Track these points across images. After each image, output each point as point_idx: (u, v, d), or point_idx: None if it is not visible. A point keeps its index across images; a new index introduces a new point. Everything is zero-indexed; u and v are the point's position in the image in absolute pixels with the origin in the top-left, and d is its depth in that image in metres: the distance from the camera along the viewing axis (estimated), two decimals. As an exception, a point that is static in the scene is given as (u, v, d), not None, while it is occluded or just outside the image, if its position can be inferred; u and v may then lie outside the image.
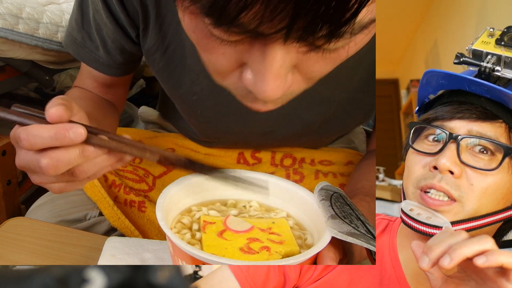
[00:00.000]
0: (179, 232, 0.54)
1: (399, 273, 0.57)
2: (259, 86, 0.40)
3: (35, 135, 0.44)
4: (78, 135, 0.44)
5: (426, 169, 0.52)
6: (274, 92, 0.40)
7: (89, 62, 0.77)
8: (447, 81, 0.54)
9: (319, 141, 0.90)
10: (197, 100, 0.75)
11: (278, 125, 0.79)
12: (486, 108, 0.51)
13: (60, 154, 0.44)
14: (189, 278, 1.01)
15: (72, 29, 0.76)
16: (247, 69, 0.41)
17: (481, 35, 0.53)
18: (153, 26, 0.68)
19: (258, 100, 0.43)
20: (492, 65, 0.50)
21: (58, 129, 0.44)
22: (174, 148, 0.92)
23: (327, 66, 0.42)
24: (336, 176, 0.87)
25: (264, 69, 0.38)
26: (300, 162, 0.91)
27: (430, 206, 0.51)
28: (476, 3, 2.21)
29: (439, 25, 2.98)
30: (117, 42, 0.72)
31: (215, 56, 0.41)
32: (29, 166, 0.46)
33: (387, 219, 0.63)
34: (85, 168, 0.46)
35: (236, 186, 0.54)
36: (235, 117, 0.78)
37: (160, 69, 0.74)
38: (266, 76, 0.39)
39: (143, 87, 1.54)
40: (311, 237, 0.57)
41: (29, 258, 0.63)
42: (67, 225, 0.72)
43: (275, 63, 0.38)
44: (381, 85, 3.93)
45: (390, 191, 2.23)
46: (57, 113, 0.44)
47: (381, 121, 0.85)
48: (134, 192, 0.79)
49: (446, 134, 0.51)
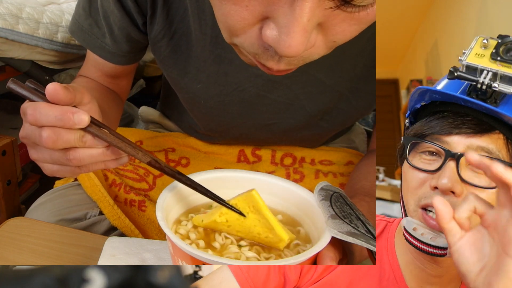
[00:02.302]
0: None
1: (398, 274, 0.57)
2: (284, 39, 0.38)
3: (41, 113, 0.45)
4: (81, 121, 0.46)
5: (426, 187, 0.51)
6: (298, 47, 0.38)
7: (95, 49, 0.77)
8: (441, 96, 0.53)
9: (320, 135, 0.89)
10: (201, 88, 0.75)
11: (281, 116, 0.79)
12: (482, 120, 0.50)
13: (61, 130, 0.46)
14: (189, 278, 1.01)
15: (79, 16, 0.76)
16: (269, 23, 0.39)
17: (473, 45, 0.52)
18: (161, 12, 0.68)
19: (273, 58, 0.42)
20: (489, 81, 0.49)
21: (64, 111, 0.46)
22: (174, 147, 0.92)
23: (351, 28, 0.40)
24: (336, 176, 0.87)
25: (291, 22, 0.37)
26: (300, 162, 0.91)
27: (433, 228, 0.50)
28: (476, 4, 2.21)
29: (439, 25, 2.98)
30: (123, 29, 0.72)
31: (237, 8, 0.40)
32: (30, 137, 0.48)
33: (385, 221, 0.62)
34: (80, 154, 0.48)
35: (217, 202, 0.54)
36: (238, 107, 0.78)
37: (166, 56, 0.74)
38: (292, 29, 0.38)
39: (143, 87, 1.54)
40: (304, 231, 0.57)
41: (29, 258, 0.63)
42: (67, 224, 0.72)
43: (304, 16, 0.37)
44: (381, 85, 3.93)
45: (390, 191, 2.23)
46: (53, 91, 0.46)
47: (381, 121, 0.85)
48: (134, 191, 0.79)
49: (444, 152, 0.51)
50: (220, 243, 0.53)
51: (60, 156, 0.48)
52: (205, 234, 0.55)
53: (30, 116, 0.46)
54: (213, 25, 0.68)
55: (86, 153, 0.48)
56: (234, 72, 0.73)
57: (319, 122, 0.82)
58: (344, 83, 0.75)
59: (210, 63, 0.72)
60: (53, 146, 0.46)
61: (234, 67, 0.72)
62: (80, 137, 0.47)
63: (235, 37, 0.43)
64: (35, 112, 0.46)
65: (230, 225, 0.54)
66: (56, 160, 0.48)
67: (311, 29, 0.39)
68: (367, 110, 0.83)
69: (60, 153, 0.48)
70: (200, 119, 0.85)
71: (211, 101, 0.77)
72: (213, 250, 0.53)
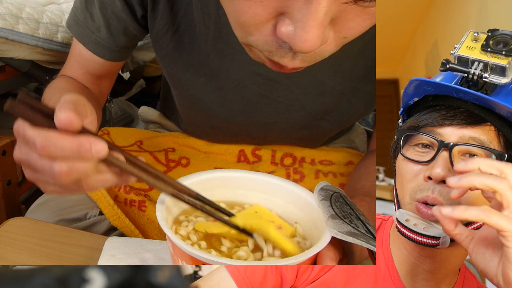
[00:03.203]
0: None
1: (393, 272, 0.57)
2: (300, 34, 0.38)
3: (56, 146, 0.41)
4: (101, 152, 0.42)
5: (420, 179, 0.52)
6: (314, 42, 0.38)
7: (88, 44, 0.76)
8: (434, 88, 0.54)
9: (320, 135, 0.89)
10: (203, 82, 0.75)
11: (281, 115, 0.79)
12: (474, 112, 0.51)
13: (77, 164, 0.42)
14: (189, 278, 1.01)
15: (76, 9, 0.75)
16: (285, 19, 0.38)
17: (465, 39, 0.53)
18: (164, 7, 0.68)
19: (287, 54, 0.42)
20: (480, 72, 0.50)
21: (80, 142, 0.41)
22: (174, 147, 0.92)
23: (364, 23, 0.40)
24: (336, 176, 0.87)
25: (307, 17, 0.37)
26: (300, 162, 0.91)
27: (427, 218, 0.51)
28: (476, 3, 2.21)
29: (439, 25, 2.98)
30: (122, 20, 0.72)
31: (251, 4, 0.38)
32: (32, 165, 0.43)
33: (380, 218, 0.63)
34: (92, 180, 0.45)
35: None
36: (239, 105, 0.78)
37: (169, 52, 0.73)
38: (309, 24, 0.37)
39: (143, 87, 1.54)
40: (300, 226, 0.57)
41: (29, 258, 0.63)
42: (67, 224, 0.72)
43: (320, 10, 0.36)
44: (381, 85, 3.93)
45: (390, 191, 2.23)
46: (66, 120, 0.41)
47: (381, 121, 0.85)
48: (134, 191, 0.79)
49: (437, 142, 0.51)
50: (227, 247, 0.53)
51: (68, 183, 0.44)
52: (206, 235, 0.55)
53: (41, 148, 0.41)
54: (216, 19, 0.68)
55: (97, 178, 0.45)
56: (236, 68, 0.73)
57: (319, 122, 0.82)
58: (345, 83, 0.75)
59: (212, 57, 0.71)
60: (67, 180, 0.42)
61: (236, 64, 0.72)
62: (95, 167, 0.44)
63: (249, 36, 0.42)
64: (47, 144, 0.41)
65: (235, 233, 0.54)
66: (61, 185, 0.45)
67: (327, 24, 0.38)
68: (367, 110, 0.83)
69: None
70: (198, 117, 0.85)
71: (212, 96, 0.77)
72: (216, 251, 0.53)
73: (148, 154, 0.89)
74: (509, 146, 0.51)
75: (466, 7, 2.40)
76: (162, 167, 0.87)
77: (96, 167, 0.44)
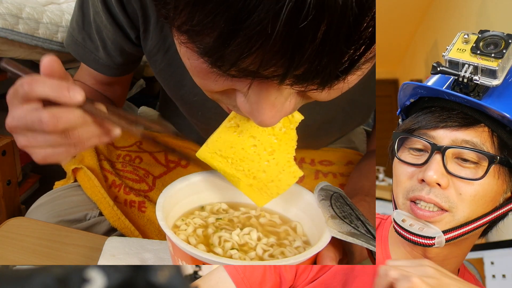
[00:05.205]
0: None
1: None
2: (256, 116, 0.40)
3: (38, 81, 0.45)
4: (77, 94, 0.45)
5: (414, 180, 0.53)
6: (271, 121, 0.40)
7: (89, 62, 0.78)
8: (426, 91, 0.54)
9: (317, 142, 0.90)
10: (198, 100, 0.75)
11: None
12: (467, 114, 0.51)
13: (62, 111, 0.45)
14: (189, 278, 1.00)
15: (73, 29, 0.77)
16: (240, 95, 0.41)
17: (456, 41, 0.53)
18: (154, 28, 0.68)
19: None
20: (470, 75, 0.50)
21: (61, 85, 0.45)
22: (174, 148, 0.92)
23: (330, 95, 0.42)
24: (336, 176, 0.87)
25: (259, 100, 0.39)
26: (300, 162, 0.91)
27: (421, 218, 0.51)
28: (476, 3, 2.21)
29: (439, 25, 2.98)
30: (117, 43, 0.73)
31: (206, 82, 0.41)
32: (24, 121, 0.46)
33: (379, 218, 0.63)
34: (80, 133, 0.47)
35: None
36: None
37: (161, 70, 0.74)
38: (261, 106, 0.39)
39: (143, 87, 1.54)
40: (301, 226, 0.57)
41: (29, 258, 0.63)
42: (67, 225, 0.72)
43: (271, 96, 0.38)
44: (381, 85, 3.93)
45: (390, 191, 2.23)
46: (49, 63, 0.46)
47: (381, 121, 0.85)
48: (134, 192, 0.79)
49: (430, 145, 0.52)
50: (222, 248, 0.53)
51: (56, 138, 0.47)
52: (205, 238, 0.55)
53: (27, 86, 0.45)
54: None
55: (84, 130, 0.48)
56: None
57: (316, 132, 0.82)
58: (343, 95, 0.75)
59: None
60: (54, 128, 0.45)
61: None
62: (82, 116, 0.46)
63: (211, 96, 0.45)
64: (33, 83, 0.45)
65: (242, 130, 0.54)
66: (50, 143, 0.47)
67: (282, 102, 0.40)
68: (364, 120, 0.85)
69: (56, 135, 0.47)
70: (198, 127, 0.86)
71: (209, 113, 0.77)
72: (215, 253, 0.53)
73: (148, 154, 0.89)
74: (503, 146, 0.51)
75: (466, 7, 2.40)
76: (162, 167, 0.87)
77: (84, 118, 0.47)
